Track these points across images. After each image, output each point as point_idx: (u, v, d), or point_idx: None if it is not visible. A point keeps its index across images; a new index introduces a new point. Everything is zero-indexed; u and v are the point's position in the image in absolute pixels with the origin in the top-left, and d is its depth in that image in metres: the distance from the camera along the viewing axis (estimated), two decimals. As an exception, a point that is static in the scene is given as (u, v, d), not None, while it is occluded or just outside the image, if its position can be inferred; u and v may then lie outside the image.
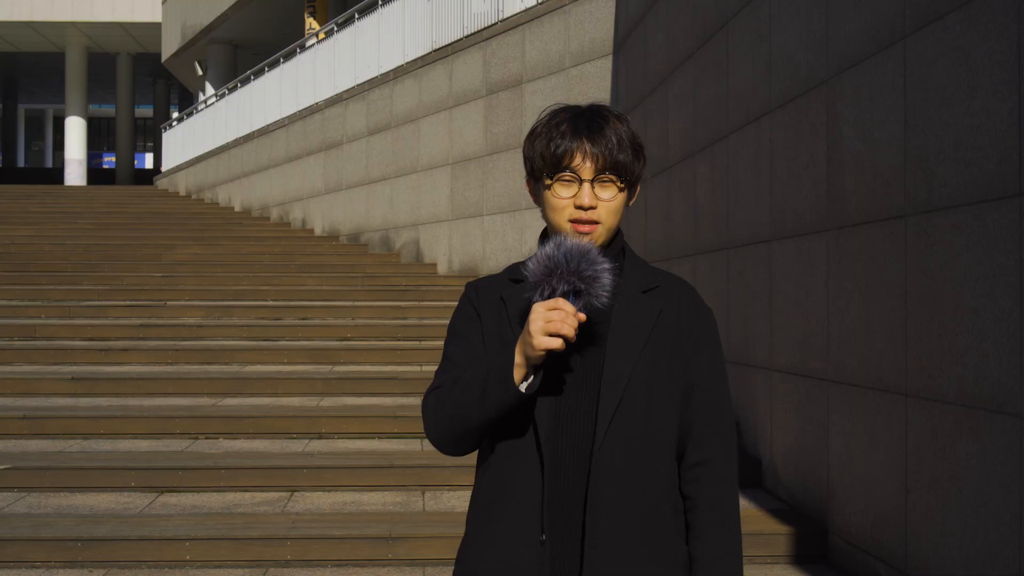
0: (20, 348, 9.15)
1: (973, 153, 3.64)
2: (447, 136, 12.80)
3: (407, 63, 14.00)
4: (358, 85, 15.28)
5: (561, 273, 1.71)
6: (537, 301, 1.73)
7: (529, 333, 1.70)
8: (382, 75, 14.60)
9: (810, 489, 5.19)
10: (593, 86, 10.22)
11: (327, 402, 7.70)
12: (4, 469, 5.97)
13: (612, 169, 1.80)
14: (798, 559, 4.99)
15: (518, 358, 1.74)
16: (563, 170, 1.81)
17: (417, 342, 9.65)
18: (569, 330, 1.69)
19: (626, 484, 1.77)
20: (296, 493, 5.94)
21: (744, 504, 5.57)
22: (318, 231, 16.21)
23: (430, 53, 13.43)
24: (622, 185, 1.82)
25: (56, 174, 38.74)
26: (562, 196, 1.81)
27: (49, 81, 45.17)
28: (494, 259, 11.76)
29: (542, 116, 1.88)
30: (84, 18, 32.45)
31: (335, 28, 16.60)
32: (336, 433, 7.00)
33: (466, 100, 12.42)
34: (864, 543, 4.58)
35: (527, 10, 11.47)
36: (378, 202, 14.53)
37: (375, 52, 15.07)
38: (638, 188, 1.89)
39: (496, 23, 12.09)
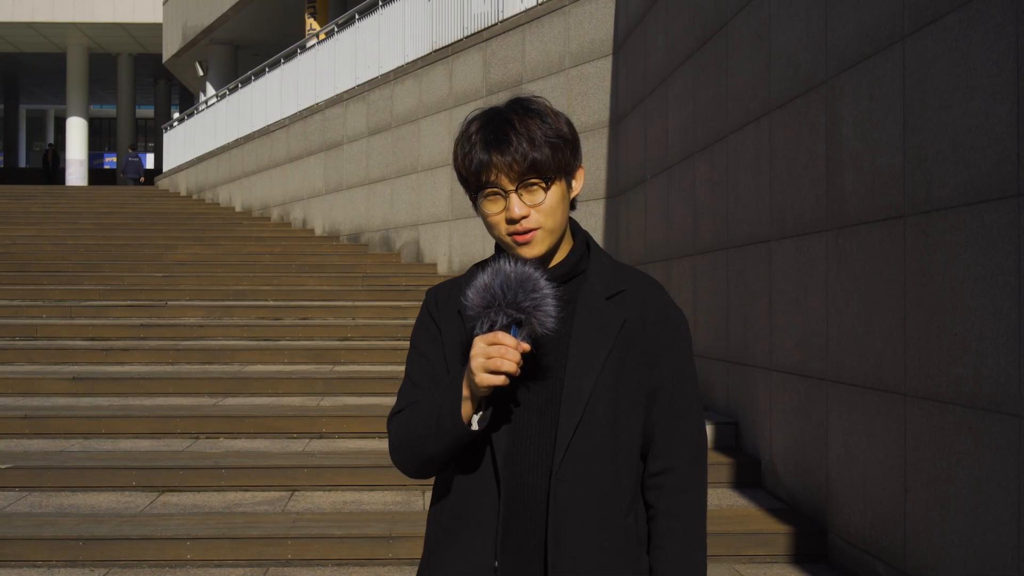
0: (21, 348, 9.17)
1: (972, 153, 3.65)
2: (447, 136, 12.81)
3: (407, 63, 14.01)
4: (358, 85, 15.30)
5: (499, 305, 1.63)
6: (478, 334, 1.65)
7: (471, 371, 1.64)
8: (382, 75, 14.61)
9: (809, 488, 5.19)
10: (593, 86, 10.23)
11: (327, 402, 7.72)
12: (5, 468, 5.98)
13: (531, 171, 1.71)
14: (797, 558, 5.00)
15: (465, 391, 1.67)
16: (485, 186, 1.73)
17: (417, 342, 9.65)
18: (511, 365, 1.62)
19: (588, 504, 1.71)
20: (296, 493, 5.95)
21: (743, 503, 5.58)
22: (319, 231, 16.22)
23: (430, 53, 13.44)
24: (547, 184, 1.72)
25: (57, 174, 38.76)
26: (493, 212, 1.74)
27: (50, 81, 45.19)
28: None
29: (460, 127, 1.80)
30: (85, 19, 32.48)
31: (335, 29, 16.61)
32: (336, 433, 7.01)
33: (466, 100, 12.42)
34: (863, 542, 4.59)
35: (527, 11, 11.48)
36: (378, 202, 14.54)
37: (375, 52, 15.08)
38: (579, 174, 1.80)
39: (496, 24, 12.10)
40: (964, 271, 3.70)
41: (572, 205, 1.81)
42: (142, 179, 29.38)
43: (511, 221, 1.72)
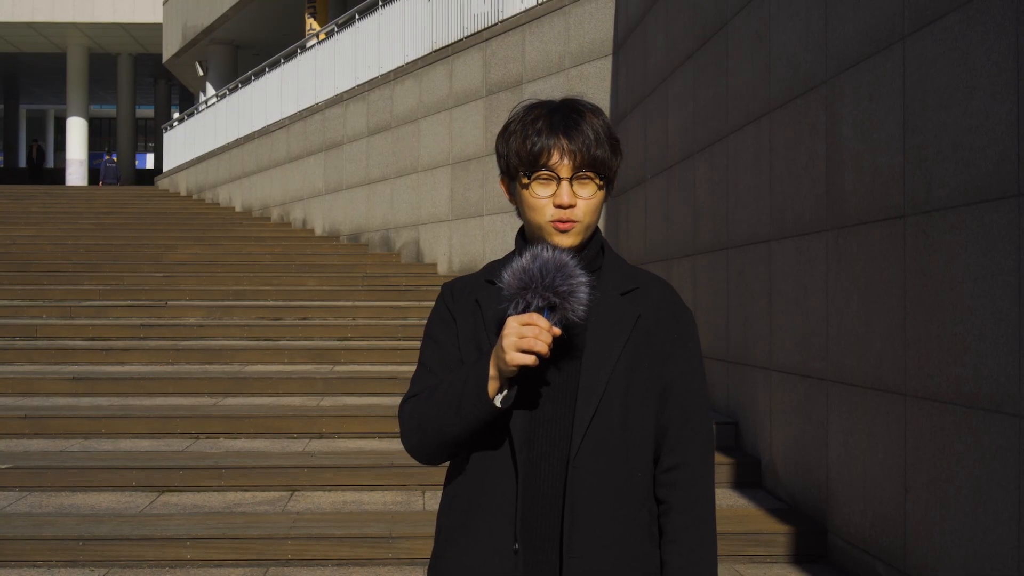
0: (21, 348, 9.17)
1: (971, 153, 3.65)
2: (447, 136, 12.81)
3: (407, 63, 14.01)
4: (358, 85, 15.30)
5: (536, 287, 1.67)
6: (512, 315, 1.69)
7: (502, 348, 1.67)
8: (382, 75, 14.61)
9: (809, 488, 5.19)
10: (593, 86, 10.23)
11: (327, 402, 7.72)
12: (5, 468, 5.98)
13: (590, 166, 1.77)
14: (797, 558, 5.00)
15: (492, 371, 1.71)
16: (540, 168, 1.76)
17: (417, 342, 9.64)
18: (543, 347, 1.66)
19: (603, 492, 1.74)
20: (296, 493, 5.95)
21: (743, 503, 5.58)
22: (319, 231, 16.22)
23: (430, 54, 13.44)
24: (601, 182, 1.78)
25: (57, 174, 38.75)
26: (540, 196, 1.77)
27: (50, 81, 45.16)
28: (494, 259, 11.77)
29: (515, 112, 1.83)
30: (85, 19, 32.46)
31: (335, 29, 16.61)
32: (336, 433, 7.01)
33: (466, 100, 12.43)
34: (863, 542, 4.59)
35: (527, 11, 11.48)
36: (378, 202, 14.54)
37: (375, 52, 15.08)
38: (614, 184, 1.85)
39: (496, 23, 12.10)
40: (964, 271, 3.70)
41: None
42: (118, 183, 30.19)
43: (559, 207, 1.76)
